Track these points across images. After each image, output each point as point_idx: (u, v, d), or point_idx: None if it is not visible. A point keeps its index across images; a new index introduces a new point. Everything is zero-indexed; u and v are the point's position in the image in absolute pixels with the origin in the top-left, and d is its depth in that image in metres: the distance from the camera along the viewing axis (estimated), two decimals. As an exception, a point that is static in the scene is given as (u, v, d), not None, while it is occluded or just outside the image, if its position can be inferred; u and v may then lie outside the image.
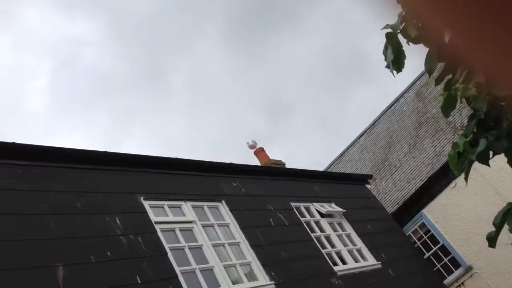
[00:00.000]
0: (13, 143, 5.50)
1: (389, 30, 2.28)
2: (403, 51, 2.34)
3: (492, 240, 2.64)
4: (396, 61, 2.36)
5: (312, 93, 51.56)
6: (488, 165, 2.77)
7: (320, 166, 18.18)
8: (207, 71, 47.46)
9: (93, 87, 43.31)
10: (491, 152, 2.69)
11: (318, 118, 49.67)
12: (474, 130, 2.72)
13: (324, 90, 51.54)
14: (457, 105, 2.68)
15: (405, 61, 2.37)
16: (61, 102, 45.09)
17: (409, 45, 2.28)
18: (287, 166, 12.89)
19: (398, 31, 2.28)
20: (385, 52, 2.38)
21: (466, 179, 2.77)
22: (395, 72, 2.41)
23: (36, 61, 41.24)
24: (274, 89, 49.86)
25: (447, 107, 2.63)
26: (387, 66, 2.42)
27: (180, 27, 45.20)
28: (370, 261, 8.96)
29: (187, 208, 6.88)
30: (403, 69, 2.42)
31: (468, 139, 2.68)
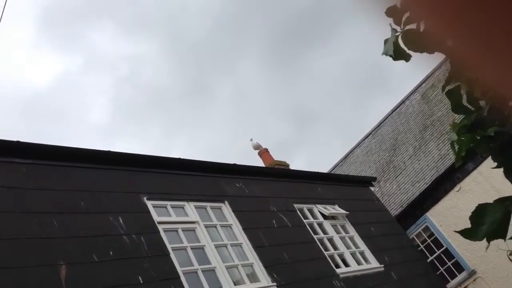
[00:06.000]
0: (17, 141, 5.52)
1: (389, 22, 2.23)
2: (404, 50, 2.29)
3: (474, 231, 2.25)
4: (401, 55, 2.30)
5: (336, 103, 55.24)
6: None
7: (325, 168, 18.29)
8: (247, 85, 52.79)
9: (149, 100, 49.39)
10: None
11: (341, 126, 53.08)
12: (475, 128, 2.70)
13: (348, 100, 55.17)
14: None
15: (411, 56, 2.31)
16: (120, 114, 51.09)
17: (408, 49, 2.25)
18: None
19: (398, 33, 2.25)
20: (386, 44, 2.33)
21: (458, 159, 2.72)
22: (393, 56, 2.34)
23: (100, 77, 46.62)
24: (301, 100, 54.00)
25: (456, 103, 2.55)
26: (385, 53, 2.36)
27: (228, 47, 50.45)
28: (373, 264, 8.93)
29: (190, 209, 6.88)
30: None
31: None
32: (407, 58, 2.37)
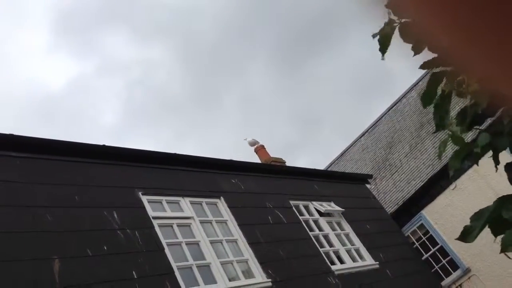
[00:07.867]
0: (12, 135, 5.48)
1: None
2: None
3: (469, 234, 2.32)
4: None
5: (340, 103, 56.65)
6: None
7: (321, 165, 18.42)
8: (254, 89, 54.53)
9: (159, 103, 51.01)
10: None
11: (344, 127, 54.53)
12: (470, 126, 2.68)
13: (351, 101, 56.47)
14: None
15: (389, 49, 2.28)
16: (132, 116, 52.80)
17: (405, 42, 2.22)
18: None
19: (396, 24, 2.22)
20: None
21: (452, 165, 2.71)
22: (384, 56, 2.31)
23: (113, 80, 48.06)
24: (307, 101, 55.52)
25: (427, 97, 2.48)
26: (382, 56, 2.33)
27: (238, 51, 51.91)
28: (368, 261, 8.94)
29: (186, 204, 6.86)
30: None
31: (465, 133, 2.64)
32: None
